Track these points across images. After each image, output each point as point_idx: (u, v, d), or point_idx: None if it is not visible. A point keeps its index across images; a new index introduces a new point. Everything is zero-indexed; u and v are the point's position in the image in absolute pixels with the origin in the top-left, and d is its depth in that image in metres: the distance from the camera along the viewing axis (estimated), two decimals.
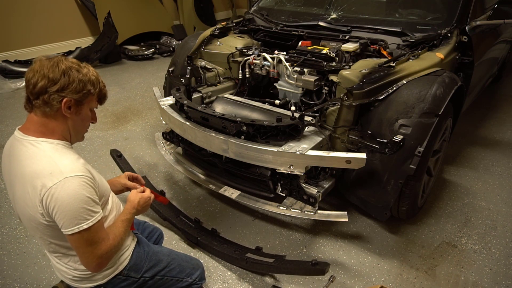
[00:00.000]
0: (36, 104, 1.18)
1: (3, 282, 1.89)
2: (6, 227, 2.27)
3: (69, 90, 1.18)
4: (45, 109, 1.18)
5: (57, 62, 1.19)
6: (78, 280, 1.36)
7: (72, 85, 1.18)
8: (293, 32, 2.59)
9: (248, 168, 2.07)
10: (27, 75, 1.18)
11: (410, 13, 2.54)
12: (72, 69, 1.20)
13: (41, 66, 1.17)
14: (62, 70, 1.18)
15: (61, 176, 1.12)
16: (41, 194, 1.12)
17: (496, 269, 1.91)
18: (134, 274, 1.41)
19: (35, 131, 1.21)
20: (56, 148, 1.20)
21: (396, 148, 1.80)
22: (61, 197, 1.12)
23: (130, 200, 1.43)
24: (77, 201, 1.14)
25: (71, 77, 1.19)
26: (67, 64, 1.20)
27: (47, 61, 1.19)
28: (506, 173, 2.67)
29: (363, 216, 2.27)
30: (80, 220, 1.15)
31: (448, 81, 1.94)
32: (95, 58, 5.14)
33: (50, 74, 1.16)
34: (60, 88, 1.17)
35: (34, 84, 1.15)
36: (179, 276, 1.54)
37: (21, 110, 3.94)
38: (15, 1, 5.06)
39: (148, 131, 3.40)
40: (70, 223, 1.14)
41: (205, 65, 2.64)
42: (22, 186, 1.18)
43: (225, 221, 2.28)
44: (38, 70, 1.16)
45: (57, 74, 1.17)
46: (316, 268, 1.69)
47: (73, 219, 1.14)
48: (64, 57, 1.24)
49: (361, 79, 1.92)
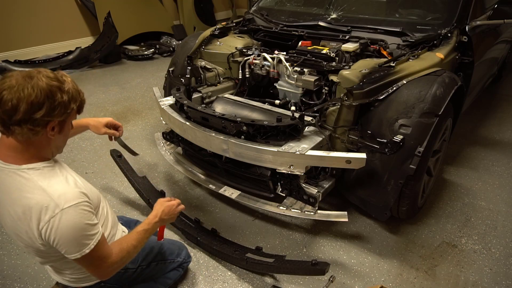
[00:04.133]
0: (16, 130, 1.05)
1: (3, 282, 1.89)
2: None
3: (55, 114, 1.09)
4: (28, 135, 1.08)
5: (36, 81, 1.05)
6: (76, 280, 1.38)
7: (57, 108, 1.09)
8: (293, 32, 2.59)
9: (248, 168, 2.07)
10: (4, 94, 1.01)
11: (410, 13, 2.54)
12: (53, 87, 1.07)
13: (19, 86, 1.03)
14: (45, 91, 1.05)
15: (57, 209, 1.08)
16: (39, 228, 1.10)
17: (496, 269, 1.91)
18: (132, 266, 1.48)
19: (16, 158, 1.13)
20: (43, 174, 1.14)
21: (396, 148, 1.80)
22: (60, 229, 1.09)
23: (154, 209, 1.44)
24: (77, 231, 1.12)
25: (56, 99, 1.08)
26: (47, 82, 1.07)
27: (23, 80, 1.04)
28: (506, 173, 2.67)
29: (363, 216, 2.27)
30: (82, 246, 1.14)
31: (448, 81, 1.94)
32: (95, 58, 5.14)
33: (33, 97, 1.03)
34: (46, 113, 1.06)
35: (15, 108, 1.02)
36: (170, 258, 1.65)
37: None
38: (15, 1, 5.06)
39: (148, 131, 3.40)
40: (73, 250, 1.14)
41: (205, 65, 2.64)
42: (12, 218, 1.15)
43: (225, 221, 2.28)
44: (17, 91, 1.02)
45: (40, 98, 1.04)
46: (316, 268, 1.69)
47: (75, 247, 1.14)
48: (38, 70, 1.09)
49: (361, 79, 1.92)
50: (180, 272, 1.77)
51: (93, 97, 4.25)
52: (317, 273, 1.72)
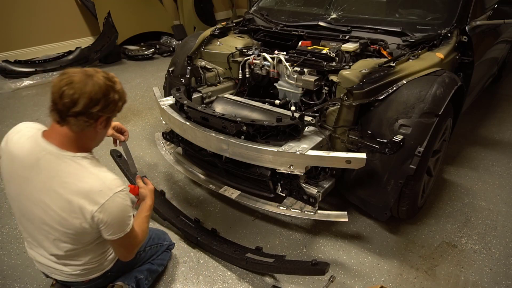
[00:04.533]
0: (71, 121, 1.19)
1: (3, 282, 1.89)
2: (6, 227, 2.28)
3: (107, 110, 1.24)
4: (82, 127, 1.21)
5: (96, 80, 1.19)
6: (85, 272, 1.46)
7: (109, 105, 1.24)
8: (293, 32, 2.59)
9: (248, 168, 2.07)
10: (65, 89, 1.15)
11: (410, 13, 2.54)
12: (109, 87, 1.23)
13: (81, 82, 1.17)
14: (102, 90, 1.20)
15: (111, 193, 1.23)
16: (93, 210, 1.21)
17: (496, 269, 1.91)
18: None
19: (71, 146, 1.25)
20: (93, 163, 1.28)
21: (396, 148, 1.80)
22: (112, 211, 1.24)
23: (149, 197, 1.57)
24: (124, 213, 1.29)
25: (109, 97, 1.22)
26: (104, 81, 1.21)
27: (85, 77, 1.18)
28: (506, 173, 2.67)
29: (363, 216, 2.27)
30: (125, 226, 1.31)
31: (448, 81, 1.94)
32: (95, 58, 5.14)
33: (93, 94, 1.17)
34: (100, 109, 1.21)
35: (75, 101, 1.15)
36: (159, 242, 1.83)
37: (21, 110, 3.94)
38: (15, 1, 5.06)
39: (148, 131, 3.40)
40: (118, 231, 1.29)
41: (205, 65, 2.64)
42: (53, 200, 1.23)
43: (225, 221, 2.28)
44: (80, 88, 1.16)
45: (99, 94, 1.19)
46: (316, 268, 1.69)
47: (121, 227, 1.30)
48: (95, 70, 1.24)
49: (361, 79, 1.92)
50: (169, 253, 1.95)
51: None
52: (317, 273, 1.72)
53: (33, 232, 1.37)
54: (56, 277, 1.50)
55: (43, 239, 1.35)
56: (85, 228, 1.26)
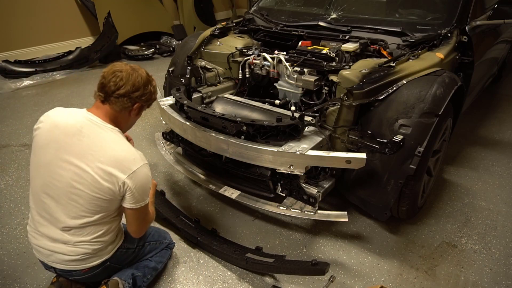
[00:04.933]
0: (114, 100, 1.45)
1: (3, 282, 1.89)
2: (6, 227, 2.28)
3: (143, 99, 1.51)
4: (122, 106, 1.46)
5: (140, 73, 1.49)
6: (86, 258, 1.52)
7: (146, 95, 1.51)
8: (293, 32, 2.59)
9: (248, 168, 2.07)
10: (113, 77, 1.43)
11: (410, 13, 2.54)
12: (147, 81, 1.52)
13: (128, 73, 1.45)
14: (143, 81, 1.49)
15: (141, 162, 1.44)
16: (125, 174, 1.39)
17: (496, 269, 1.91)
18: (131, 246, 1.70)
19: (111, 120, 1.49)
20: (125, 138, 1.51)
21: (396, 148, 1.80)
22: (140, 178, 1.43)
23: (152, 185, 1.71)
24: (148, 183, 1.48)
25: (147, 89, 1.51)
26: (146, 76, 1.52)
27: (131, 70, 1.47)
28: (506, 173, 2.67)
29: (363, 216, 2.27)
30: (146, 196, 1.49)
31: (448, 81, 1.94)
32: (95, 58, 5.14)
33: (136, 83, 1.46)
34: (138, 96, 1.48)
35: (120, 86, 1.43)
36: (159, 239, 1.88)
37: (21, 110, 3.94)
38: (15, 1, 5.06)
39: (148, 131, 3.40)
40: (140, 199, 1.46)
41: (205, 65, 2.64)
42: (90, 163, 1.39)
43: (225, 221, 2.28)
44: (127, 79, 1.44)
45: (140, 84, 1.47)
46: (316, 268, 1.69)
47: (143, 195, 1.47)
48: (138, 67, 1.52)
49: (361, 79, 1.92)
50: (169, 251, 1.96)
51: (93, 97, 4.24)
52: (317, 273, 1.72)
53: (52, 203, 1.45)
54: (56, 265, 1.53)
55: (63, 208, 1.44)
56: (113, 193, 1.41)
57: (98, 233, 1.50)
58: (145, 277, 1.77)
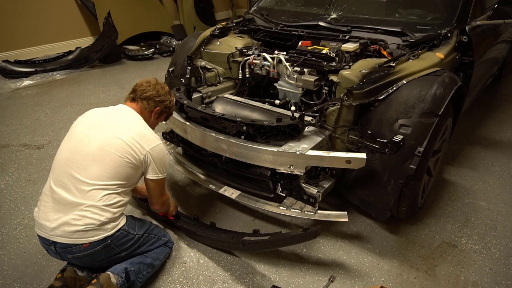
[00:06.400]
0: (140, 101, 1.85)
1: (3, 282, 1.89)
2: (6, 227, 2.28)
3: (163, 105, 1.89)
4: (145, 106, 1.85)
5: (163, 85, 1.92)
6: (90, 229, 1.60)
7: (165, 102, 1.90)
8: (293, 32, 2.59)
9: (248, 168, 2.07)
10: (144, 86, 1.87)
11: (410, 13, 2.54)
12: (168, 93, 1.92)
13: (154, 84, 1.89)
14: (165, 91, 1.90)
15: (159, 141, 1.79)
16: (149, 146, 1.72)
17: (496, 269, 1.91)
18: (132, 231, 1.76)
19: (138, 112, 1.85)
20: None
21: (396, 148, 1.80)
22: (159, 153, 1.77)
23: None
24: (165, 158, 1.82)
25: (167, 98, 1.91)
26: (167, 88, 1.93)
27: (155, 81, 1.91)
28: (506, 173, 2.67)
29: (363, 216, 2.27)
30: (164, 169, 1.80)
31: (448, 81, 1.94)
32: (95, 58, 5.14)
33: (160, 90, 1.88)
34: (159, 101, 1.87)
35: (147, 90, 1.85)
36: (159, 235, 1.93)
37: (21, 110, 3.94)
38: (15, 2, 5.06)
39: None
40: (160, 170, 1.78)
41: (205, 65, 2.64)
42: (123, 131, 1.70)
43: (225, 221, 2.28)
44: (153, 87, 1.86)
45: (162, 92, 1.88)
46: (307, 232, 1.72)
47: (163, 168, 1.79)
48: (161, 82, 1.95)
49: (361, 79, 1.92)
50: (168, 250, 1.98)
51: (93, 97, 4.25)
52: (310, 237, 1.75)
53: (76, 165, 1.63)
54: (58, 239, 1.60)
55: (87, 169, 1.63)
56: (138, 161, 1.69)
57: (109, 201, 1.64)
58: (140, 273, 1.77)
